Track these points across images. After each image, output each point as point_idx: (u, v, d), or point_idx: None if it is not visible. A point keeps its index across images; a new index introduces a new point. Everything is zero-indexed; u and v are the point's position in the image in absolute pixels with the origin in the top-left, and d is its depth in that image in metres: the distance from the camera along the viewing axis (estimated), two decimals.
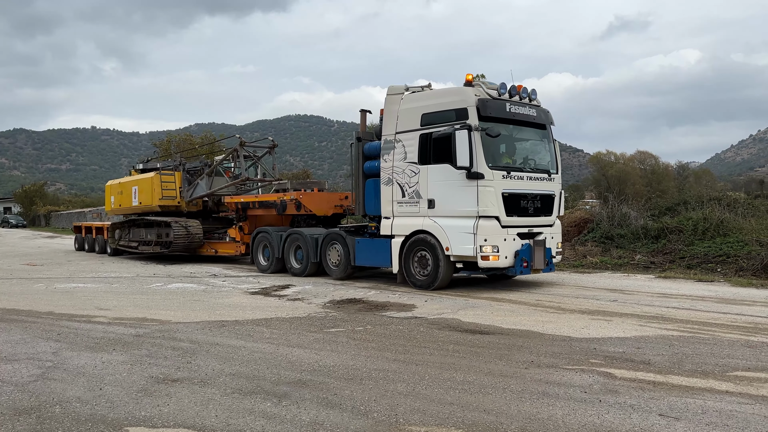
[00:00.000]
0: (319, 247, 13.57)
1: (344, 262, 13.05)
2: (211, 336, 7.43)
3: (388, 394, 5.00)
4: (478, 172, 10.43)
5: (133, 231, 20.93)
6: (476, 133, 10.42)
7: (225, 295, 11.23)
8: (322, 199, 15.32)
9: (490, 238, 10.49)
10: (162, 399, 4.94)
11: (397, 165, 11.67)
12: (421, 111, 11.37)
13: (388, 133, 11.89)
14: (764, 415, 4.40)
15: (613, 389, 5.08)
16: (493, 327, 7.84)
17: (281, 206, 15.38)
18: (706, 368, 5.68)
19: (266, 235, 15.15)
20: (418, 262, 11.45)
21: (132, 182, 20.92)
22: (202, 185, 19.11)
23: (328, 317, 8.75)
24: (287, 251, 14.49)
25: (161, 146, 52.00)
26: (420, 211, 11.31)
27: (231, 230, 17.83)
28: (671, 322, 7.98)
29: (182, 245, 18.12)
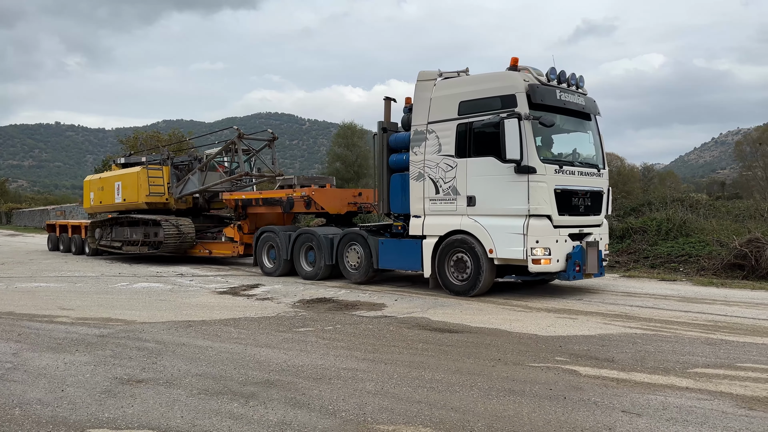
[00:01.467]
0: (335, 248, 12.55)
1: (365, 265, 12.02)
2: (177, 336, 7.33)
3: (356, 393, 5.00)
4: (529, 166, 9.41)
5: (116, 230, 19.56)
6: (527, 122, 9.42)
7: (192, 295, 11.09)
8: (335, 196, 14.15)
9: (542, 240, 9.51)
10: (126, 400, 4.85)
11: (429, 158, 10.64)
12: (459, 99, 10.33)
13: (419, 124, 10.85)
14: (722, 411, 4.53)
15: (577, 386, 5.17)
16: (462, 326, 7.90)
17: (288, 204, 14.23)
18: (668, 365, 5.82)
19: (272, 234, 14.01)
20: (454, 266, 10.39)
21: (115, 177, 19.52)
22: (194, 181, 17.87)
23: (298, 317, 8.71)
24: (297, 252, 13.36)
25: (128, 143, 51.08)
26: (457, 209, 10.28)
27: (228, 229, 16.55)
28: (635, 320, 8.15)
29: (173, 246, 16.93)
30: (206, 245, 17.38)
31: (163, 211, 18.21)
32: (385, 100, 12.46)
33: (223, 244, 16.79)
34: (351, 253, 12.37)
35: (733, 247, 13.05)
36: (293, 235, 13.45)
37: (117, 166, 20.71)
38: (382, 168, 11.84)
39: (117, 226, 19.52)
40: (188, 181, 18.05)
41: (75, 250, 21.99)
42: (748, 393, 4.94)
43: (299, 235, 13.36)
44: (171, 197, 18.15)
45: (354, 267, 12.31)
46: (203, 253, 17.51)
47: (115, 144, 70.24)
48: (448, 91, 10.60)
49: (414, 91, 11.06)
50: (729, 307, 9.08)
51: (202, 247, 17.41)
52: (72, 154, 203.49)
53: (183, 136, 49.72)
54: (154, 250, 17.53)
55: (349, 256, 12.40)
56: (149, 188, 17.82)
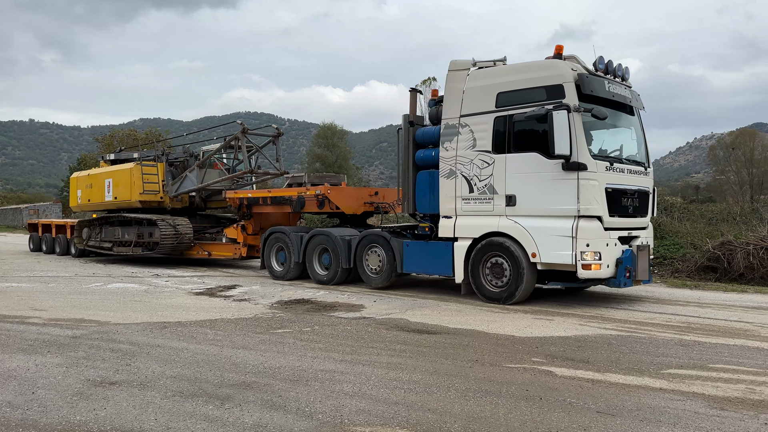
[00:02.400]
0: (354, 250, 11.75)
1: (387, 269, 11.25)
2: (152, 338, 7.23)
3: (333, 394, 4.98)
4: (579, 163, 8.69)
5: (106, 230, 18.42)
6: (576, 114, 8.74)
7: (168, 296, 10.95)
8: (351, 196, 13.27)
9: (593, 243, 8.80)
10: (99, 402, 4.77)
11: (462, 154, 9.90)
12: (497, 89, 9.58)
13: (451, 117, 10.08)
14: (695, 411, 4.60)
15: (553, 387, 5.21)
16: (440, 327, 7.92)
17: (299, 203, 13.34)
18: (642, 366, 5.89)
19: (282, 236, 13.12)
20: (490, 271, 9.66)
21: (105, 174, 18.42)
22: (192, 178, 16.88)
23: (275, 318, 8.65)
24: (310, 255, 12.52)
25: (104, 141, 50.37)
26: (494, 210, 9.56)
27: (230, 230, 15.62)
28: (610, 321, 8.25)
29: (170, 247, 15.97)
30: (205, 246, 16.45)
31: (158, 210, 17.29)
32: (410, 91, 11.66)
33: (224, 246, 15.90)
34: (371, 256, 11.58)
35: (706, 250, 13.29)
36: (306, 236, 12.63)
37: (106, 163, 19.62)
38: (408, 165, 11.07)
39: (107, 226, 18.48)
40: (185, 179, 17.08)
41: (59, 251, 20.95)
42: (720, 393, 5.02)
43: (313, 237, 12.52)
44: (166, 195, 17.19)
45: (374, 271, 11.53)
46: (201, 255, 16.51)
47: (91, 142, 69.24)
48: (484, 81, 9.84)
49: (445, 82, 10.28)
50: (702, 309, 9.23)
51: (201, 249, 16.47)
52: (46, 152, 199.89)
53: (161, 135, 49.18)
54: (148, 252, 16.67)
55: (369, 259, 11.62)
56: (143, 186, 16.77)
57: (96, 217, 18.88)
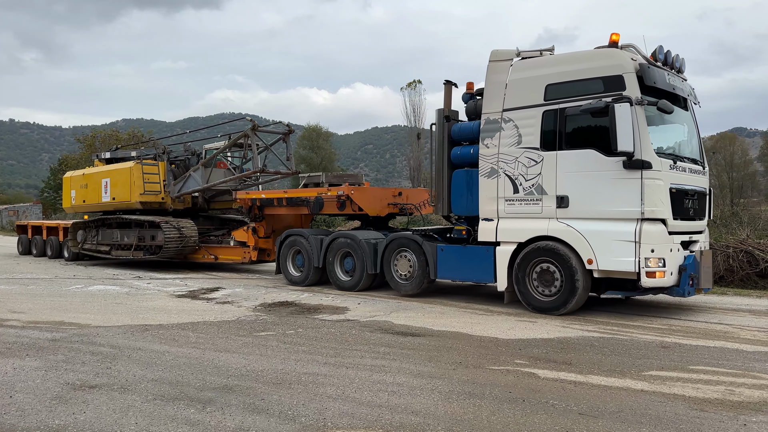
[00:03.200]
0: (381, 255, 11.03)
1: (419, 275, 10.51)
2: (133, 340, 7.15)
3: (317, 398, 4.96)
4: (643, 160, 8.05)
5: (103, 232, 17.44)
6: (639, 108, 8.12)
7: (149, 298, 10.84)
8: (374, 196, 12.46)
9: (658, 249, 8.12)
10: (78, 406, 4.71)
11: (505, 151, 9.21)
12: (545, 81, 8.91)
13: (492, 111, 9.40)
14: (675, 412, 4.64)
15: (536, 389, 5.23)
16: (424, 329, 7.93)
17: (317, 204, 12.60)
18: (624, 368, 5.94)
19: (300, 239, 12.37)
20: (538, 279, 8.95)
21: (101, 173, 17.42)
22: (196, 178, 15.96)
23: (258, 320, 8.60)
24: (331, 259, 11.78)
25: (85, 142, 49.83)
26: (543, 212, 8.88)
27: (239, 232, 14.80)
28: (592, 323, 8.31)
29: (174, 250, 15.17)
30: (211, 250, 15.56)
31: (159, 212, 16.40)
32: (445, 84, 10.77)
33: (232, 249, 15.04)
34: (401, 261, 10.82)
35: None
36: (326, 239, 11.93)
37: (101, 162, 18.58)
38: (443, 163, 10.34)
39: (104, 228, 17.49)
40: (189, 179, 16.13)
41: (51, 254, 19.94)
42: (700, 395, 5.07)
43: (334, 240, 11.81)
44: (167, 196, 16.27)
45: (404, 277, 10.78)
46: (208, 258, 15.62)
47: (72, 143, 68.38)
48: (531, 72, 9.15)
49: (486, 74, 9.57)
50: (683, 311, 9.33)
51: (207, 252, 15.58)
52: (27, 153, 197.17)
53: (143, 136, 48.72)
54: (150, 256, 15.82)
55: (399, 264, 10.85)
56: (144, 186, 15.84)
57: (92, 219, 17.92)
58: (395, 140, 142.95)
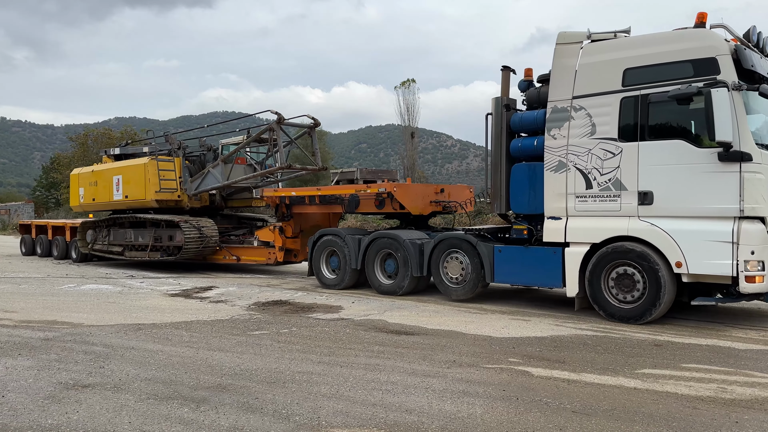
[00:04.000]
0: (428, 257, 10.30)
1: (472, 278, 9.75)
2: (126, 339, 7.13)
3: (311, 396, 4.96)
4: (742, 152, 7.32)
5: (115, 232, 16.53)
6: (737, 94, 7.37)
7: (142, 297, 10.81)
8: (417, 193, 11.66)
9: (758, 251, 7.36)
10: (71, 406, 4.68)
11: (576, 143, 8.48)
12: (624, 65, 8.14)
13: (560, 99, 8.67)
14: (668, 411, 4.67)
15: (529, 387, 5.25)
16: (418, 327, 7.94)
17: (352, 202, 11.92)
18: (617, 366, 5.97)
19: (336, 239, 11.63)
20: (616, 283, 8.18)
21: (113, 170, 16.48)
22: (215, 175, 15.07)
23: (252, 319, 8.58)
24: (371, 261, 11.04)
25: (78, 140, 49.58)
26: (622, 209, 8.11)
27: (263, 232, 14.12)
28: (585, 322, 8.34)
29: (194, 251, 14.42)
30: (233, 250, 14.81)
31: (174, 210, 15.61)
32: (502, 70, 10.00)
33: (255, 250, 14.31)
34: (452, 263, 10.04)
35: None
36: (365, 239, 11.17)
37: (109, 158, 17.72)
38: (500, 156, 9.57)
39: (116, 228, 16.59)
40: (207, 175, 15.26)
41: (57, 255, 19.02)
42: (693, 393, 5.10)
43: (374, 241, 11.04)
44: (184, 194, 15.45)
45: (456, 281, 10.01)
46: (229, 259, 14.88)
47: (65, 141, 68.05)
48: (605, 56, 8.40)
49: (553, 58, 8.83)
50: (674, 310, 9.36)
51: (228, 253, 14.83)
52: (18, 151, 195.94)
53: (136, 134, 48.47)
54: (167, 257, 15.03)
55: (449, 267, 10.08)
56: (160, 183, 15.02)
57: (102, 218, 17.12)
58: (389, 139, 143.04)
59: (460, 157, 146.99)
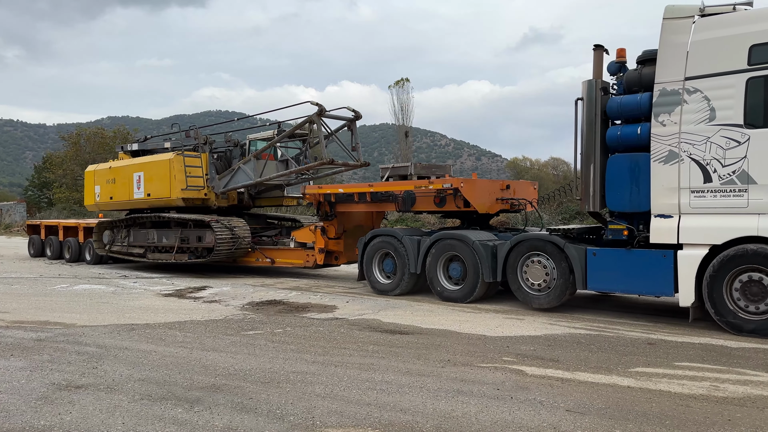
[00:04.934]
0: (503, 260, 9.33)
1: (559, 285, 8.78)
2: (119, 340, 7.10)
3: (305, 396, 4.95)
4: None
5: (136, 233, 15.61)
6: None
7: (136, 297, 10.76)
8: (484, 190, 10.56)
9: None
10: (64, 407, 4.66)
11: (690, 130, 7.67)
12: (750, 41, 7.28)
13: (669, 80, 7.84)
14: (661, 409, 4.68)
15: (524, 386, 5.26)
16: (413, 327, 7.94)
17: (407, 200, 10.93)
18: (610, 365, 5.99)
19: (391, 240, 10.71)
20: (742, 292, 7.30)
21: (133, 166, 15.51)
22: (246, 171, 14.01)
23: (246, 319, 8.56)
24: (433, 265, 10.07)
25: (70, 140, 49.34)
26: (749, 206, 7.27)
27: (301, 232, 13.23)
28: (579, 320, 8.36)
29: (226, 252, 13.51)
30: (267, 252, 13.89)
31: (201, 209, 14.72)
32: (594, 49, 9.20)
33: (292, 252, 13.39)
34: (533, 267, 9.04)
35: None
36: (427, 241, 10.23)
37: (126, 154, 16.74)
38: (594, 146, 8.68)
39: (136, 228, 15.66)
40: (237, 172, 14.22)
41: (69, 257, 17.98)
42: (686, 391, 5.13)
43: (437, 242, 10.08)
44: (211, 192, 14.52)
45: (537, 288, 9.01)
46: (263, 262, 14.00)
47: (57, 140, 67.66)
48: (725, 31, 7.54)
49: (660, 34, 7.97)
50: (668, 309, 9.41)
51: (262, 255, 13.92)
52: (10, 150, 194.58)
53: (129, 134, 48.26)
54: (196, 259, 14.08)
55: (530, 271, 9.08)
56: (186, 180, 14.07)
57: (123, 218, 16.12)
58: (383, 138, 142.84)
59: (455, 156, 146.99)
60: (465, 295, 9.77)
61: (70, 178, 47.93)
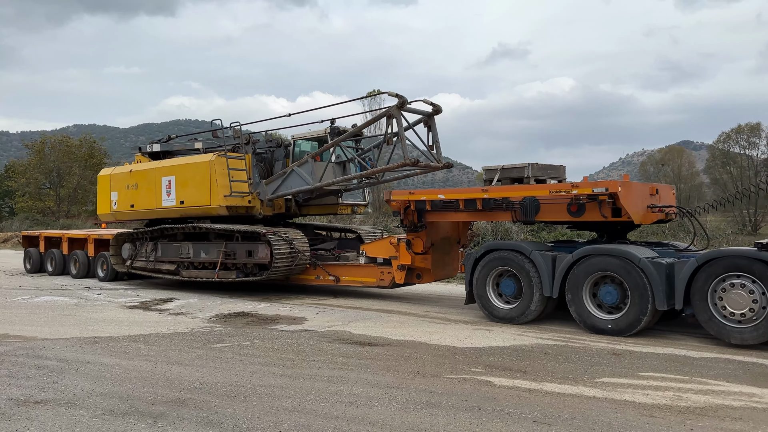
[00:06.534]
0: (685, 283, 7.62)
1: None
2: (81, 353, 6.92)
3: (272, 410, 4.89)
4: None
5: (164, 246, 13.55)
6: None
7: (100, 310, 10.52)
8: (638, 195, 8.85)
9: None
10: (22, 423, 4.52)
11: None
12: None
13: None
14: (626, 419, 4.75)
15: (492, 397, 5.28)
16: (383, 338, 7.92)
17: (529, 207, 9.08)
18: (576, 375, 6.06)
19: (513, 256, 9.02)
20: None
21: (162, 170, 13.45)
22: (302, 174, 12.08)
23: (213, 332, 8.44)
24: (576, 287, 8.35)
25: (34, 148, 48.20)
26: None
27: (376, 246, 11.57)
28: (546, 331, 8.44)
29: (284, 269, 11.73)
30: (330, 269, 11.98)
31: (245, 219, 12.93)
32: None
33: (362, 269, 11.68)
34: (732, 293, 7.31)
35: None
36: (567, 258, 8.51)
37: (144, 157, 14.62)
38: None
39: (165, 241, 13.61)
40: (290, 175, 12.34)
41: (76, 273, 15.94)
42: (650, 401, 5.21)
43: (584, 259, 8.35)
44: (255, 198, 12.72)
45: (740, 319, 7.28)
46: (325, 280, 12.06)
47: (20, 148, 66.05)
48: None
49: None
50: None
51: (324, 272, 11.99)
52: None
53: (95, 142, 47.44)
54: (247, 277, 12.13)
55: (728, 298, 7.35)
56: (231, 185, 12.25)
57: (149, 229, 13.97)
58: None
59: None
60: (627, 327, 7.97)
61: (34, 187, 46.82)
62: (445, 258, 11.04)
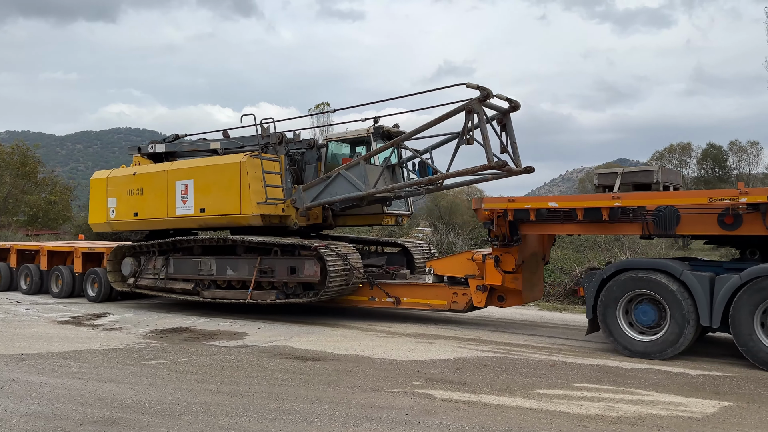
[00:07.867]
0: None
1: None
2: (6, 371, 6.58)
3: (207, 429, 4.77)
4: None
5: (178, 262, 11.67)
6: None
7: (28, 325, 10.03)
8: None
9: None
10: None
11: None
12: None
13: None
14: (560, 430, 4.86)
15: (431, 410, 5.31)
16: (325, 353, 7.85)
17: (668, 219, 7.86)
18: (514, 387, 6.17)
19: (654, 276, 7.65)
20: None
21: (177, 172, 11.64)
22: (351, 179, 10.38)
23: (149, 348, 8.17)
24: (743, 315, 7.04)
25: None
26: None
27: (447, 262, 10.17)
28: (487, 343, 8.58)
29: (338, 290, 10.14)
30: (389, 289, 10.44)
31: (279, 230, 11.28)
32: None
33: (429, 289, 10.16)
34: None
35: (574, 275, 14.26)
36: (732, 279, 7.18)
37: (144, 158, 12.88)
38: None
39: (177, 255, 11.80)
40: (335, 180, 10.60)
41: (59, 292, 13.92)
42: (583, 412, 5.36)
43: (755, 281, 7.01)
44: (290, 206, 11.01)
45: None
46: (381, 302, 10.54)
47: None
48: None
49: None
50: (570, 331, 9.84)
51: (382, 293, 10.45)
52: None
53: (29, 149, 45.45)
54: (288, 299, 10.47)
55: None
56: (266, 191, 10.57)
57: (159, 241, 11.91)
58: None
59: None
60: None
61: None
62: (532, 278, 9.86)
